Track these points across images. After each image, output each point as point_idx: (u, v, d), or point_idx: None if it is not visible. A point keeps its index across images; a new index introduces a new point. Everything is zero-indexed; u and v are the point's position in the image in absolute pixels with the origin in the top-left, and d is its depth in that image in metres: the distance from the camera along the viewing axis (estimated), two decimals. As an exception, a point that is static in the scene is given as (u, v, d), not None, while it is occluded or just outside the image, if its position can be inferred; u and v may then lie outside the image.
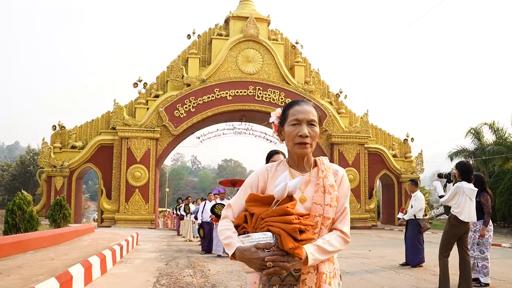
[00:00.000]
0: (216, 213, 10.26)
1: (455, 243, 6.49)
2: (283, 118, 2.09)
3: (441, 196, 6.80)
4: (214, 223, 11.09)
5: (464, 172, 6.46)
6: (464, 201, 6.33)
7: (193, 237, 17.07)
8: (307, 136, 1.98)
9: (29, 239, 8.43)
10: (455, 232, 6.42)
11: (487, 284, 6.91)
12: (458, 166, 6.67)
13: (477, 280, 6.90)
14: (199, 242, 13.81)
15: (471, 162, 35.46)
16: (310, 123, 2.01)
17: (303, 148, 1.99)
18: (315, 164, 2.08)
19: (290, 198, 1.89)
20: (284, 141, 2.10)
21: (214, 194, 12.01)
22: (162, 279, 7.56)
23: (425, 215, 9.71)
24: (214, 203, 11.03)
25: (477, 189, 6.54)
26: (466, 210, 6.35)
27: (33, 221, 9.85)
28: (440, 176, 7.08)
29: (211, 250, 12.03)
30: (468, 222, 6.43)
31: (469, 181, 6.43)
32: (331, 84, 28.22)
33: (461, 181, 6.46)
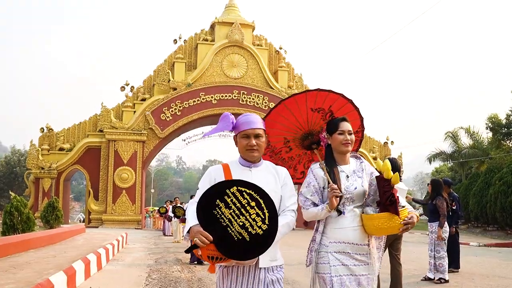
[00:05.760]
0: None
1: (387, 250, 5.67)
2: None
3: None
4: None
5: None
6: None
7: (182, 237, 17.60)
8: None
9: (30, 238, 9.11)
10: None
11: (446, 280, 7.65)
12: None
13: (439, 279, 7.61)
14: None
15: (449, 165, 36.57)
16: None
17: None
18: None
19: None
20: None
21: None
22: (153, 274, 8.28)
23: None
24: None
25: (407, 188, 5.66)
26: None
27: (30, 222, 10.48)
28: None
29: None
30: None
31: None
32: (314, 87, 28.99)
33: None
